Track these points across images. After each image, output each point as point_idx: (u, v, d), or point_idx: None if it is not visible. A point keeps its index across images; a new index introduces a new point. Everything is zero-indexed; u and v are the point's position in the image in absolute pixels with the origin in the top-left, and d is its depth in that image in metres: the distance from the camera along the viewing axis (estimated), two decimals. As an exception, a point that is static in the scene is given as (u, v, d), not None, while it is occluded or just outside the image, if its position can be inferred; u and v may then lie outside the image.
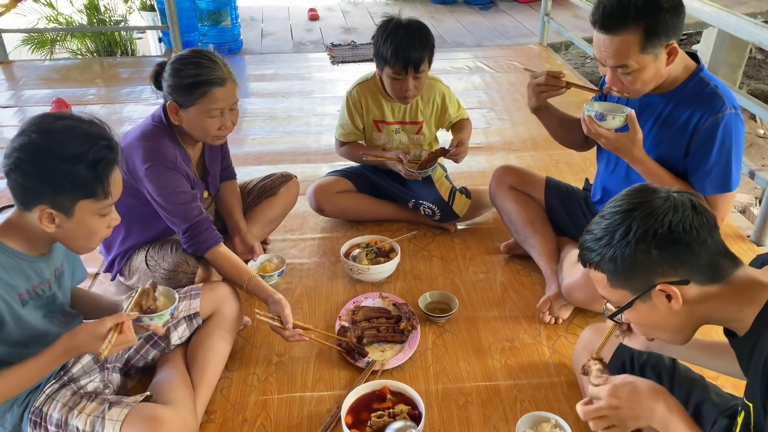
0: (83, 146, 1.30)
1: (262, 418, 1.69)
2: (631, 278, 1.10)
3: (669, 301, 1.09)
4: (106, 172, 1.34)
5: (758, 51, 6.92)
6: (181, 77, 1.81)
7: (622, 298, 1.13)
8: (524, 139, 3.44)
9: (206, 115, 1.85)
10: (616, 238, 1.09)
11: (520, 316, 2.05)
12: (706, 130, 1.72)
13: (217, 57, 1.88)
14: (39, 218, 1.32)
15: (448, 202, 2.43)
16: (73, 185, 1.31)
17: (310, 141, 3.43)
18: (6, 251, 1.36)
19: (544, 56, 4.94)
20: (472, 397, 1.74)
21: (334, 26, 5.99)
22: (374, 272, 2.17)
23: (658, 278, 1.08)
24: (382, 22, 2.27)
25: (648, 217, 1.07)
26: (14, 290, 1.37)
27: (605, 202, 2.10)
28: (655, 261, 1.07)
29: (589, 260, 1.15)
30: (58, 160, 1.29)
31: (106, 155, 1.33)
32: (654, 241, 1.06)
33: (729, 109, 1.70)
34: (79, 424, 1.44)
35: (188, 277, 1.98)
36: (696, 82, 1.76)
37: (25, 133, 1.30)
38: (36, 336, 1.44)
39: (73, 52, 5.27)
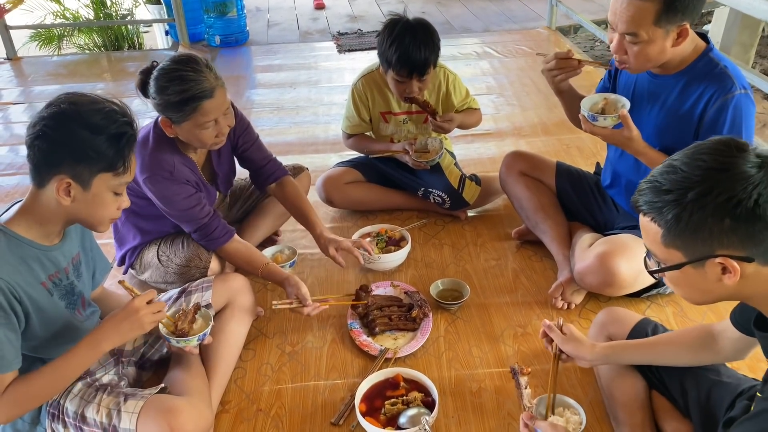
0: (106, 119, 1.34)
1: (276, 407, 1.70)
2: (690, 242, 1.01)
3: (723, 273, 1.01)
4: (127, 146, 1.37)
5: (771, 29, 6.79)
6: (168, 95, 1.74)
7: (672, 257, 1.05)
8: (534, 124, 3.41)
9: (200, 128, 1.79)
10: (689, 196, 0.98)
11: (533, 302, 2.05)
12: (716, 111, 1.69)
13: (201, 65, 1.77)
14: (57, 188, 1.32)
15: (457, 190, 2.42)
16: (96, 154, 1.33)
17: (319, 131, 3.42)
18: (20, 242, 1.37)
19: (552, 40, 4.88)
20: (485, 384, 1.74)
21: (340, 15, 5.95)
22: (385, 261, 2.17)
23: (720, 249, 0.99)
24: (388, 22, 2.23)
25: (735, 184, 0.96)
26: (36, 280, 1.39)
27: (615, 187, 2.11)
28: (724, 231, 0.98)
29: (647, 210, 1.05)
30: (85, 129, 1.31)
31: (127, 131, 1.36)
32: (734, 211, 0.96)
33: (739, 90, 1.68)
34: (96, 417, 1.46)
35: (201, 272, 1.99)
36: (706, 62, 1.73)
37: (54, 104, 1.34)
38: (59, 329, 1.46)
39: (81, 47, 5.28)
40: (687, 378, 1.45)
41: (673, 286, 1.12)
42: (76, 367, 1.41)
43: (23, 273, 1.36)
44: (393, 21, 2.22)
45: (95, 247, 1.66)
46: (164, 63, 1.79)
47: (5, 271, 1.31)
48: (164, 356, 1.77)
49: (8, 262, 1.33)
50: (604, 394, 1.62)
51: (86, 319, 1.56)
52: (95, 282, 1.67)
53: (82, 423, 1.47)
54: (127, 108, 1.40)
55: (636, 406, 1.52)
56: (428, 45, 2.17)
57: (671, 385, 1.49)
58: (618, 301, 1.96)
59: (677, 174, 1.01)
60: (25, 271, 1.36)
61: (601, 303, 2.00)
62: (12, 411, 1.38)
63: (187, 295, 1.78)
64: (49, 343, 1.45)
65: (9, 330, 1.32)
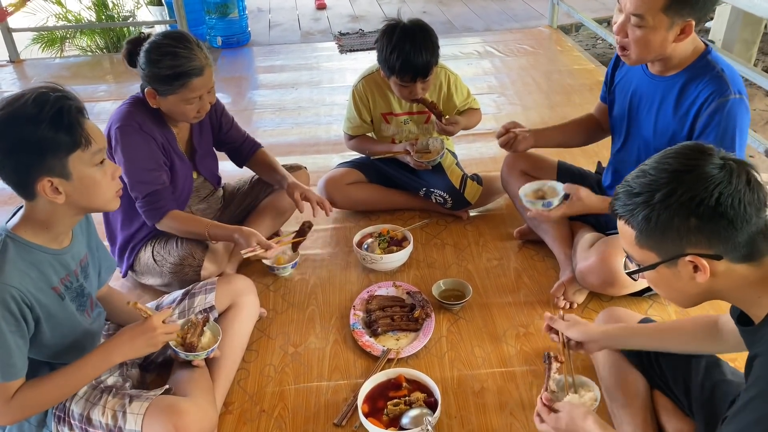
0: (38, 104, 1.26)
1: (279, 408, 1.71)
2: (661, 242, 1.06)
3: (695, 272, 1.05)
4: (73, 117, 1.29)
5: (774, 26, 6.77)
6: (159, 68, 1.81)
7: (647, 258, 1.10)
8: (536, 123, 3.40)
9: (185, 102, 1.87)
10: (656, 198, 1.03)
11: (535, 301, 2.05)
12: (709, 115, 1.69)
13: (193, 43, 1.86)
14: (43, 192, 1.29)
15: (459, 190, 2.43)
16: (51, 142, 1.27)
17: (320, 132, 3.43)
18: (31, 248, 1.36)
19: (554, 38, 4.88)
20: (488, 384, 1.75)
21: (342, 15, 5.95)
22: (387, 261, 2.18)
23: (689, 248, 1.03)
24: (385, 28, 2.23)
25: (697, 184, 1.00)
26: (47, 285, 1.38)
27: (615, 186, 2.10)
28: (691, 230, 1.02)
29: (620, 213, 1.10)
30: (23, 125, 1.25)
31: (64, 104, 1.28)
32: (697, 210, 1.00)
33: (734, 94, 1.67)
34: (101, 419, 1.47)
35: (194, 270, 2.00)
36: (703, 64, 1.73)
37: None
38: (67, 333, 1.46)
39: (83, 49, 5.30)
40: (691, 377, 1.45)
41: (653, 286, 1.17)
42: (85, 375, 1.44)
43: (34, 279, 1.35)
44: (390, 27, 2.22)
45: (101, 246, 1.66)
46: (156, 37, 1.86)
47: (16, 279, 1.31)
48: (167, 358, 1.78)
49: (18, 268, 1.32)
50: (606, 393, 1.62)
51: (93, 321, 1.57)
52: (101, 281, 1.67)
53: (87, 425, 1.48)
54: (57, 85, 1.32)
55: (638, 405, 1.52)
56: (428, 48, 2.17)
57: (675, 383, 1.49)
58: (620, 300, 1.96)
59: (646, 177, 1.06)
60: (37, 277, 1.36)
61: (603, 302, 2.00)
62: (19, 415, 1.40)
63: (190, 297, 1.80)
64: (58, 348, 1.46)
65: (19, 338, 1.33)
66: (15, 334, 1.31)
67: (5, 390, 1.34)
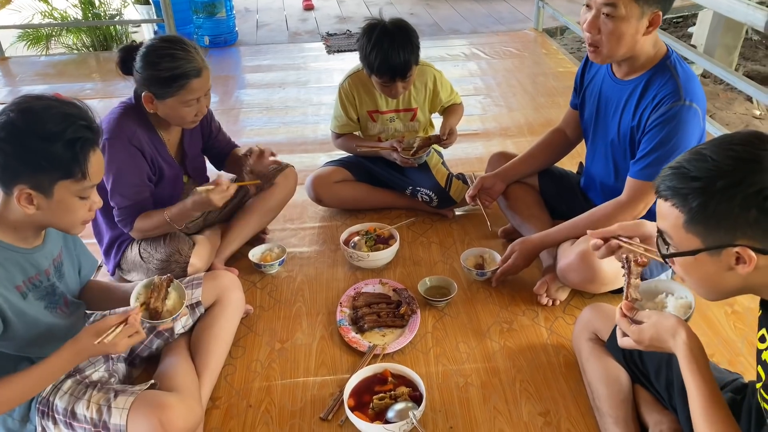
0: (60, 125, 1.28)
1: (266, 403, 1.72)
2: (712, 230, 1.01)
3: (736, 263, 1.02)
4: (84, 152, 1.31)
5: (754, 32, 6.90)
6: (158, 71, 1.82)
7: (689, 243, 1.05)
8: (520, 124, 3.45)
9: (183, 105, 1.88)
10: (718, 185, 0.98)
11: (518, 298, 2.08)
12: (656, 117, 1.73)
13: (189, 45, 1.88)
14: (17, 198, 1.29)
15: (445, 188, 2.46)
16: (51, 164, 1.29)
17: (308, 131, 3.44)
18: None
19: (539, 41, 4.94)
20: (472, 379, 1.77)
21: (329, 15, 5.98)
22: (374, 259, 2.20)
23: (741, 239, 0.99)
24: (366, 28, 2.26)
25: (766, 176, 0.96)
26: (11, 283, 1.37)
27: (591, 189, 2.15)
28: (749, 222, 0.98)
29: (669, 195, 1.05)
30: (36, 139, 1.27)
31: (83, 135, 1.31)
32: (763, 203, 0.96)
33: (684, 101, 1.70)
34: (86, 413, 1.47)
35: (181, 267, 2.01)
36: (662, 67, 1.77)
37: (4, 112, 1.30)
38: (41, 329, 1.45)
39: (69, 47, 5.26)
40: (673, 371, 1.48)
41: (683, 272, 1.11)
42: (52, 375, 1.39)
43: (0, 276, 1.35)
44: (371, 26, 2.25)
45: (79, 245, 1.65)
46: (152, 41, 1.87)
47: None
48: (153, 353, 1.79)
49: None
50: (589, 389, 1.65)
51: (71, 314, 1.56)
52: (82, 278, 1.66)
53: (72, 419, 1.48)
54: (87, 109, 1.35)
55: (619, 399, 1.55)
56: (407, 47, 2.20)
57: (657, 378, 1.52)
58: (601, 297, 2.00)
59: (707, 162, 1.00)
60: (1, 274, 1.35)
61: (585, 299, 2.04)
62: None
63: (177, 293, 1.80)
64: (34, 343, 1.45)
65: None
66: None
67: None
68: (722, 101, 4.83)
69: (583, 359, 1.69)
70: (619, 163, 1.94)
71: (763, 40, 7.09)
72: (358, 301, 2.04)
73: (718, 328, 1.93)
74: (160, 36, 1.91)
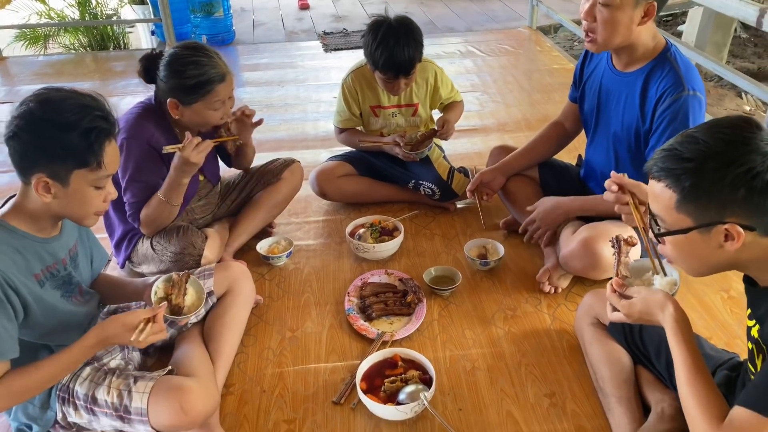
0: (77, 115, 1.33)
1: (279, 388, 1.77)
2: (703, 209, 1.07)
3: (725, 240, 1.07)
4: (99, 141, 1.35)
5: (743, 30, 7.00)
6: (184, 79, 1.87)
7: (680, 222, 1.10)
8: (518, 120, 3.52)
9: (209, 108, 1.93)
10: (710, 165, 1.04)
11: (521, 287, 2.14)
12: (663, 110, 1.79)
13: (211, 51, 1.93)
14: (35, 186, 1.33)
15: (447, 181, 2.51)
16: (67, 153, 1.33)
17: (308, 128, 3.49)
18: (17, 234, 1.40)
19: (534, 39, 5.01)
20: (478, 363, 1.82)
21: (325, 15, 6.02)
22: (379, 250, 2.25)
23: (730, 217, 1.05)
24: (372, 24, 2.31)
25: (755, 156, 1.02)
26: (29, 271, 1.41)
27: (592, 179, 2.21)
28: (737, 200, 1.03)
29: (662, 176, 1.10)
30: (53, 128, 1.31)
31: (99, 125, 1.35)
32: (751, 182, 1.02)
33: (688, 91, 1.76)
34: (107, 398, 1.51)
35: (194, 260, 2.05)
36: (663, 60, 1.83)
37: (24, 102, 1.34)
38: (59, 317, 1.49)
39: (66, 47, 5.28)
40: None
41: (674, 250, 1.16)
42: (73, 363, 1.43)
43: (18, 264, 1.38)
44: (377, 23, 2.30)
45: (92, 238, 1.69)
46: (174, 50, 1.91)
47: (1, 262, 1.33)
48: (167, 342, 1.82)
49: (4, 252, 1.35)
50: (592, 370, 1.71)
51: (86, 302, 1.60)
52: (94, 271, 1.70)
53: (93, 404, 1.52)
54: (104, 101, 1.39)
55: (622, 379, 1.61)
56: (411, 45, 2.26)
57: (657, 358, 1.58)
58: (602, 284, 2.05)
59: (699, 144, 1.06)
60: (21, 262, 1.39)
61: (586, 287, 2.10)
62: (7, 402, 1.38)
63: (189, 283, 1.84)
64: (52, 330, 1.49)
65: (5, 319, 1.33)
66: (1, 316, 1.32)
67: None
68: (713, 97, 4.92)
69: (586, 343, 1.74)
70: (620, 154, 2.00)
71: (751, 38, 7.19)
72: (365, 291, 2.09)
73: (715, 312, 1.99)
74: (181, 43, 1.95)
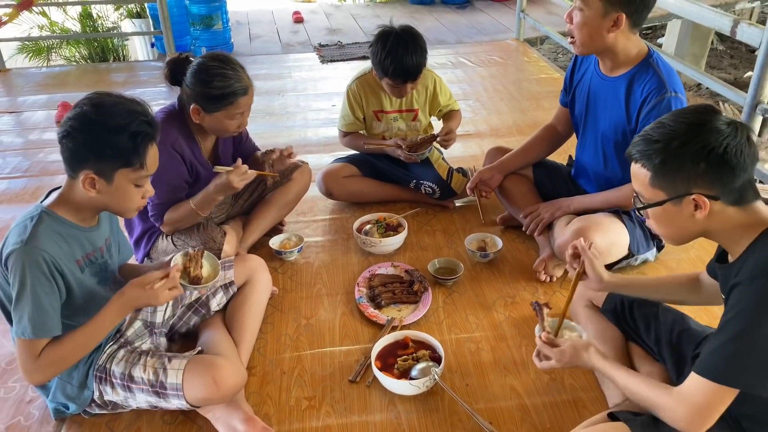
0: (126, 119, 1.46)
1: (298, 369, 1.90)
2: (672, 182, 1.23)
3: (695, 210, 1.23)
4: (143, 144, 1.49)
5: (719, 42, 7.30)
6: (210, 89, 1.99)
7: (656, 196, 1.27)
8: (509, 125, 3.69)
9: (229, 118, 2.06)
10: (673, 144, 1.21)
11: (519, 276, 2.29)
12: (648, 110, 1.97)
13: (237, 65, 2.05)
14: (82, 182, 1.47)
15: (446, 181, 2.67)
16: (114, 153, 1.46)
17: (310, 134, 3.64)
18: (63, 222, 1.53)
19: (521, 50, 5.21)
20: (482, 344, 1.97)
21: (319, 27, 6.20)
22: (385, 244, 2.39)
23: (695, 188, 1.22)
24: (380, 34, 2.47)
25: (710, 135, 1.19)
26: (72, 257, 1.54)
27: (583, 177, 2.39)
28: (699, 173, 1.20)
29: (638, 158, 1.27)
30: (104, 130, 1.45)
31: (145, 129, 1.49)
32: (708, 156, 1.18)
33: (670, 92, 1.94)
34: (143, 375, 1.63)
35: (215, 254, 2.17)
36: (645, 65, 2.01)
37: (79, 105, 1.48)
38: (96, 302, 1.60)
39: (68, 59, 5.39)
40: (661, 328, 1.70)
41: (654, 222, 1.34)
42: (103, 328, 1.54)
43: (63, 249, 1.51)
44: (385, 33, 2.46)
45: (120, 233, 1.82)
46: (203, 59, 2.03)
47: (49, 246, 1.46)
48: (191, 329, 1.95)
49: (51, 238, 1.48)
50: None
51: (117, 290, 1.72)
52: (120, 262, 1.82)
53: (130, 382, 1.64)
54: (146, 106, 1.53)
55: (615, 354, 1.76)
56: (417, 52, 2.42)
57: (647, 335, 1.73)
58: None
59: (665, 128, 1.25)
60: (66, 248, 1.52)
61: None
62: (48, 371, 1.50)
63: (212, 274, 1.97)
64: (88, 314, 1.58)
65: (53, 299, 1.47)
66: (49, 295, 1.45)
67: (34, 347, 1.46)
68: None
69: (582, 323, 1.90)
70: (608, 153, 2.17)
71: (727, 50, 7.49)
72: (374, 282, 2.23)
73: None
74: (210, 54, 2.07)
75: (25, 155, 3.47)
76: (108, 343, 1.71)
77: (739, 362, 1.18)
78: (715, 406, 1.22)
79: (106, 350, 1.70)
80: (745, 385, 1.19)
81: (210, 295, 1.94)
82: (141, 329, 1.84)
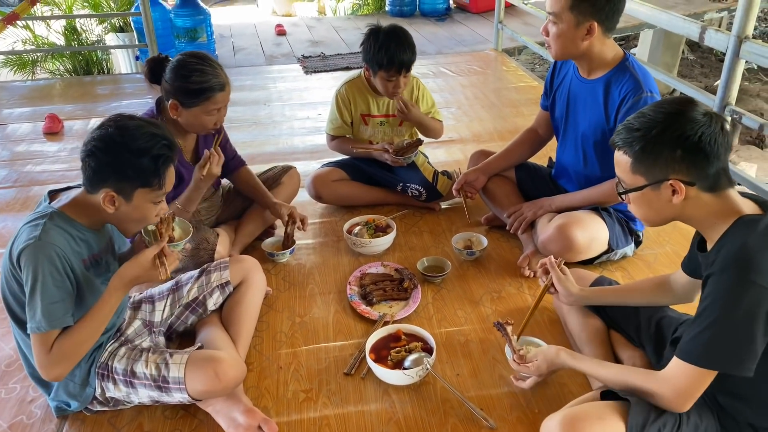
0: (149, 143, 1.53)
1: (294, 365, 1.96)
2: (651, 168, 1.32)
3: (672, 194, 1.31)
4: (164, 166, 1.56)
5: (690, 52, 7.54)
6: (189, 83, 2.06)
7: (636, 181, 1.35)
8: (490, 131, 3.81)
9: (206, 114, 2.13)
10: (653, 133, 1.30)
11: (504, 272, 2.38)
12: (627, 110, 2.07)
13: (214, 62, 2.15)
14: (102, 199, 1.53)
15: (432, 183, 2.76)
16: (136, 174, 1.53)
17: (297, 141, 3.71)
18: (74, 224, 1.58)
19: (500, 60, 5.35)
20: (471, 336, 2.05)
21: (302, 40, 6.29)
22: (375, 245, 2.47)
23: (672, 174, 1.30)
24: (370, 31, 2.59)
25: (687, 124, 1.27)
26: (80, 256, 1.59)
27: (564, 177, 2.50)
28: (676, 160, 1.28)
29: (620, 145, 1.36)
30: (128, 152, 1.51)
31: (165, 152, 1.55)
32: (684, 144, 1.27)
33: (646, 93, 2.05)
34: (145, 371, 1.68)
35: (209, 254, 2.24)
36: (622, 68, 2.12)
37: (103, 126, 1.54)
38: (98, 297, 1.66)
39: (52, 72, 5.41)
40: (640, 316, 1.79)
41: (635, 205, 1.42)
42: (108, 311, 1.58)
43: (73, 248, 1.56)
44: (375, 30, 2.59)
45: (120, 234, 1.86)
46: (182, 56, 2.12)
47: (61, 242, 1.52)
48: (189, 328, 2.00)
49: (62, 236, 1.54)
50: (571, 337, 1.95)
51: None
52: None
53: (132, 378, 1.69)
54: (167, 131, 1.60)
55: (598, 342, 1.85)
56: (410, 45, 2.57)
57: (626, 323, 1.83)
58: (575, 266, 2.31)
59: (645, 117, 1.33)
60: (75, 247, 1.57)
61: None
62: (61, 364, 1.53)
63: (207, 274, 2.02)
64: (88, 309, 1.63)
65: (65, 293, 1.52)
66: (61, 289, 1.50)
67: (47, 340, 1.49)
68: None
69: (565, 314, 1.99)
70: (588, 152, 2.28)
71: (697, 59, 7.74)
72: (365, 280, 2.30)
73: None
74: (189, 52, 2.16)
75: (12, 167, 3.48)
76: (109, 342, 1.76)
77: (716, 347, 1.28)
78: (698, 387, 1.33)
79: (107, 348, 1.75)
80: (722, 367, 1.30)
81: (207, 295, 1.99)
82: (140, 328, 1.90)
